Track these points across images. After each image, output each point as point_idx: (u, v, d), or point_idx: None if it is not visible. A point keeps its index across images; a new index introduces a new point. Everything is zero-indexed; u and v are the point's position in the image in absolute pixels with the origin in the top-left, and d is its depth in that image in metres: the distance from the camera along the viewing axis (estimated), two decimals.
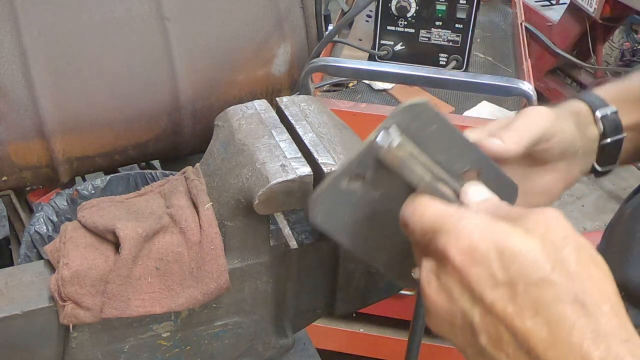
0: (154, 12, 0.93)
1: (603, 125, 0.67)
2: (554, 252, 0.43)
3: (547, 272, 0.42)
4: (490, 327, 0.44)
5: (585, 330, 0.41)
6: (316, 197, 0.52)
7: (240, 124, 0.65)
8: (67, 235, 0.62)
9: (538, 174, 0.65)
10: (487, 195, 0.51)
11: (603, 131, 0.67)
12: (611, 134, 0.67)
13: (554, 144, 0.62)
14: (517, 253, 0.43)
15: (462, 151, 0.53)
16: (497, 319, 0.43)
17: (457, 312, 0.46)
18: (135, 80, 0.93)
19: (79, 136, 0.92)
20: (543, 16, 3.27)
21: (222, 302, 0.66)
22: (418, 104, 0.50)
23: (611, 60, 3.37)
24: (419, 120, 0.50)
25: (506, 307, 0.43)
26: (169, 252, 0.60)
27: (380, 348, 1.92)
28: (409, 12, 1.54)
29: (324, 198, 0.52)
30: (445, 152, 0.52)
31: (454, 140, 0.52)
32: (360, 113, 1.34)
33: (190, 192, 0.64)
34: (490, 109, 1.49)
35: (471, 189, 0.51)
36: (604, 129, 0.67)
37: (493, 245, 0.44)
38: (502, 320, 0.43)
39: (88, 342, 0.63)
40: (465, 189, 0.51)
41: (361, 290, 0.74)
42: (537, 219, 0.45)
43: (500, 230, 0.44)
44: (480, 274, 0.44)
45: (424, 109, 0.50)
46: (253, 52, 1.00)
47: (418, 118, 0.50)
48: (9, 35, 0.85)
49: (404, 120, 0.50)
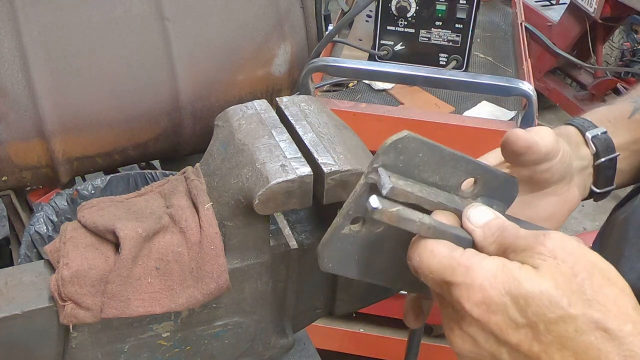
0: (154, 12, 0.93)
1: (595, 145, 0.67)
2: (567, 285, 0.43)
3: (564, 309, 0.43)
4: None
5: (612, 354, 0.42)
6: (322, 247, 0.53)
7: (240, 124, 0.65)
8: (67, 235, 0.62)
9: (540, 199, 0.65)
10: (489, 215, 0.51)
11: (596, 151, 0.67)
12: (604, 153, 0.68)
13: (556, 164, 0.62)
14: (532, 297, 0.44)
15: (454, 165, 0.53)
16: (526, 357, 0.45)
17: (486, 354, 0.47)
18: (135, 80, 0.93)
19: (79, 136, 0.92)
20: (543, 16, 3.27)
21: (222, 302, 0.66)
22: (400, 139, 0.50)
23: (611, 60, 3.37)
24: (405, 154, 0.50)
25: (532, 346, 0.44)
26: (169, 252, 0.60)
27: (380, 348, 1.92)
28: (409, 12, 1.54)
29: (329, 246, 0.53)
30: (437, 172, 0.52)
31: (443, 158, 0.52)
32: (360, 113, 1.34)
33: (190, 192, 0.64)
34: (490, 109, 1.49)
35: (473, 212, 0.51)
36: (596, 149, 0.67)
37: (506, 293, 0.44)
38: (531, 357, 0.44)
39: (88, 342, 0.63)
40: (467, 214, 0.51)
41: (361, 290, 0.74)
42: (543, 250, 0.45)
43: (510, 276, 0.45)
44: (500, 321, 0.45)
45: (407, 141, 0.50)
46: (253, 52, 1.00)
47: (403, 152, 0.50)
48: (9, 35, 0.85)
49: (389, 160, 0.50)
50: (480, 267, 0.46)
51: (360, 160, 0.62)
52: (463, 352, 0.48)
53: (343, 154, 0.62)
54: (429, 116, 1.34)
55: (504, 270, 0.45)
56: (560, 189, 0.65)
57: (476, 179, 0.55)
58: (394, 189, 0.48)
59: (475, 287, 0.45)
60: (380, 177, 0.49)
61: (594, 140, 0.67)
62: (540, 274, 0.44)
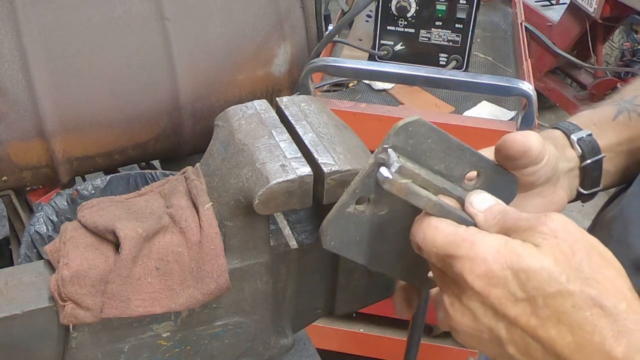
0: (154, 12, 0.93)
1: (580, 147, 0.68)
2: (566, 263, 0.45)
3: (563, 284, 0.45)
4: (517, 338, 0.47)
5: (606, 330, 0.44)
6: (326, 225, 0.55)
7: (240, 124, 0.65)
8: (67, 235, 0.62)
9: (526, 200, 0.66)
10: (491, 201, 0.52)
11: (582, 154, 0.69)
12: (590, 155, 0.69)
13: (542, 167, 0.62)
14: (532, 272, 0.45)
15: (459, 156, 0.54)
16: (523, 331, 0.46)
17: (484, 328, 0.48)
18: (135, 80, 0.93)
19: (79, 136, 0.92)
20: (543, 16, 3.27)
21: (222, 302, 0.66)
22: (411, 122, 0.51)
23: (611, 60, 3.37)
24: (415, 138, 0.52)
25: (529, 320, 0.46)
26: (169, 252, 0.60)
27: (380, 348, 1.93)
28: (409, 12, 1.54)
29: (333, 224, 0.54)
30: (443, 161, 0.53)
31: (450, 147, 0.53)
32: (360, 113, 1.34)
33: (190, 192, 0.64)
34: (490, 109, 1.49)
35: (475, 198, 0.53)
36: (582, 151, 0.68)
37: (508, 267, 0.46)
38: (527, 331, 0.46)
39: (88, 342, 0.63)
40: (469, 199, 0.53)
41: (361, 290, 0.74)
42: (545, 229, 0.46)
43: (512, 251, 0.46)
44: (500, 294, 0.46)
45: (417, 126, 0.51)
46: (253, 52, 1.00)
47: (413, 136, 0.51)
48: (9, 35, 0.85)
49: (399, 142, 0.51)
50: (483, 243, 0.47)
51: (360, 160, 0.62)
52: (462, 327, 0.49)
53: (343, 154, 0.62)
54: (429, 116, 1.33)
55: (507, 246, 0.47)
56: (546, 191, 0.66)
57: (479, 172, 0.56)
58: (403, 167, 0.50)
59: (478, 259, 0.47)
60: (389, 157, 0.50)
61: (579, 143, 0.69)
62: (541, 251, 0.45)
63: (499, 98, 1.52)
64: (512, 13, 2.05)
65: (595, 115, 0.74)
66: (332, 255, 0.71)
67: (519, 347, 0.47)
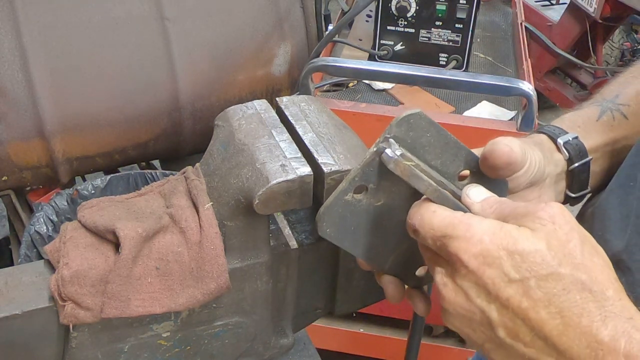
0: (154, 12, 0.93)
1: (567, 151, 0.69)
2: (560, 248, 0.47)
3: (555, 267, 0.46)
4: (507, 321, 0.48)
5: (594, 314, 0.45)
6: (324, 211, 0.56)
7: (240, 123, 0.65)
8: (67, 235, 0.62)
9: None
10: (486, 194, 0.54)
11: (569, 157, 0.69)
12: (577, 158, 0.69)
13: (522, 174, 0.63)
14: (527, 254, 0.47)
15: (455, 153, 0.56)
16: (514, 313, 0.47)
17: (476, 310, 0.49)
18: (135, 80, 0.93)
19: (79, 136, 0.92)
20: (543, 16, 3.27)
21: (222, 302, 0.66)
22: (412, 114, 0.53)
23: (611, 60, 3.37)
24: (415, 131, 0.53)
25: (521, 302, 0.47)
26: (169, 252, 0.60)
27: (380, 348, 1.93)
28: (409, 12, 1.54)
29: (331, 211, 0.56)
30: (440, 157, 0.55)
31: (447, 144, 0.55)
32: (360, 113, 1.34)
33: (190, 192, 0.64)
34: (490, 109, 1.49)
35: (472, 190, 0.54)
36: (569, 155, 0.69)
37: (503, 248, 0.47)
38: (518, 313, 0.47)
39: (88, 342, 0.63)
40: (466, 192, 0.54)
41: (361, 290, 0.74)
42: (541, 215, 0.48)
43: (508, 234, 0.48)
44: (494, 274, 0.48)
45: (419, 118, 0.53)
46: (253, 52, 1.00)
47: (414, 128, 0.53)
48: (9, 35, 0.85)
49: (400, 133, 0.53)
50: (480, 225, 0.49)
51: (360, 160, 0.62)
52: (454, 307, 0.50)
53: (343, 153, 0.62)
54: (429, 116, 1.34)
55: (503, 229, 0.48)
56: (529, 195, 0.66)
57: (472, 172, 0.57)
58: (404, 155, 0.52)
59: (474, 239, 0.48)
60: (391, 145, 0.52)
61: (566, 146, 0.69)
62: (536, 235, 0.47)
63: (499, 98, 1.52)
64: (512, 13, 2.05)
65: (579, 117, 0.74)
66: (332, 255, 0.71)
67: (509, 331, 0.48)
